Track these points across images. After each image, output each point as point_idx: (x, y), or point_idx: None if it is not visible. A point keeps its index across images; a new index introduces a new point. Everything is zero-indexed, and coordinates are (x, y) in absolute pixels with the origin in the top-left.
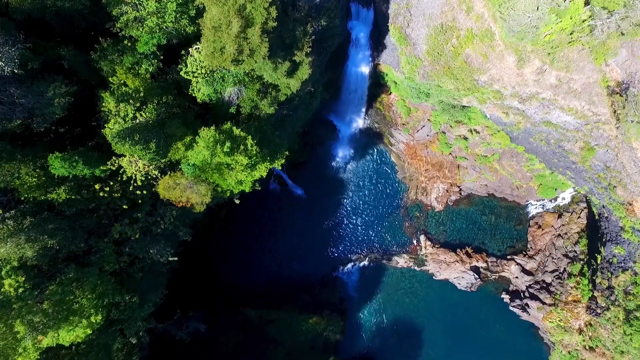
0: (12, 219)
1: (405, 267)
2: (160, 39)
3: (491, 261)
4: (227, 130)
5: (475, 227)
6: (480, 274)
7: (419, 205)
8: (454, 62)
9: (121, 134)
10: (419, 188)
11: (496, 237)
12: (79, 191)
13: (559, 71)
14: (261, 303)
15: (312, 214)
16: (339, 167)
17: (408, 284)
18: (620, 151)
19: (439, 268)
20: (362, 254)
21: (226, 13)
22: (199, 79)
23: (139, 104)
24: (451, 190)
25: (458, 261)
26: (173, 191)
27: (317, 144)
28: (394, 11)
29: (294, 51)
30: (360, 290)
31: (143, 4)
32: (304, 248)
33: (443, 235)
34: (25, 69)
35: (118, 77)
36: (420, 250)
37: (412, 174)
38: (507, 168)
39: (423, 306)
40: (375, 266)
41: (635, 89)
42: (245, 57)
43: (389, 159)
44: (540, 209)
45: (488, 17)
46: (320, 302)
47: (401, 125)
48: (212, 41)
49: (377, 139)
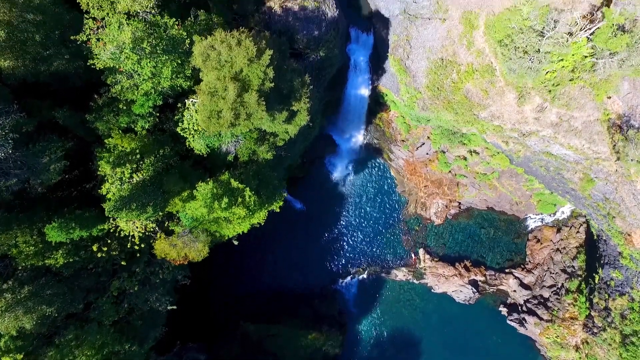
0: (10, 291)
1: (404, 280)
2: (156, 100)
3: (489, 274)
4: (224, 182)
5: (474, 240)
6: (478, 287)
7: (418, 219)
8: (453, 96)
9: (117, 204)
10: (418, 203)
11: (495, 250)
12: (77, 252)
13: (560, 108)
14: (261, 317)
15: (311, 227)
16: (338, 181)
17: (407, 296)
18: (620, 185)
19: (438, 281)
20: (361, 266)
21: (222, 79)
22: (196, 136)
23: (135, 165)
24: (450, 205)
25: (456, 275)
26: (169, 252)
27: (317, 159)
28: (394, 42)
29: (291, 101)
30: (359, 303)
31: (138, 71)
32: (303, 261)
33: (442, 248)
34: (19, 132)
35: (114, 140)
36: (419, 264)
37: (411, 188)
38: (507, 186)
39: (421, 318)
40: (374, 279)
41: (636, 122)
42: (242, 120)
43: (389, 173)
44: (539, 222)
45: (489, 52)
46: (320, 315)
47: (401, 142)
48: (209, 106)
49: (376, 154)
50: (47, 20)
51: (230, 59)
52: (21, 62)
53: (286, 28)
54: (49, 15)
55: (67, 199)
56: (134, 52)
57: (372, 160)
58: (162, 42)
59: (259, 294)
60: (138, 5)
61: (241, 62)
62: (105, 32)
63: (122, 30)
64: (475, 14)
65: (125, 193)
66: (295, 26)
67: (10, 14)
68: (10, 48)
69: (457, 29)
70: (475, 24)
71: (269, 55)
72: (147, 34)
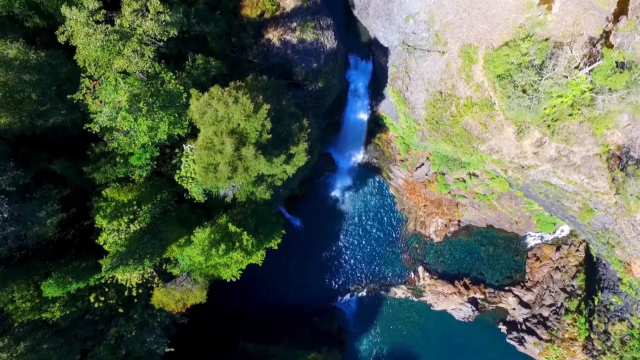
0: (5, 350)
1: (404, 298)
2: (153, 152)
3: (489, 292)
4: (222, 225)
5: (473, 257)
6: (477, 305)
7: (417, 236)
8: (452, 129)
9: (114, 262)
10: (417, 221)
11: (494, 267)
12: (74, 303)
13: (559, 143)
14: (259, 335)
15: (310, 244)
16: (337, 199)
17: (406, 313)
18: (619, 217)
19: (437, 299)
20: (361, 284)
21: (219, 134)
22: (193, 184)
23: (132, 216)
24: (450, 224)
25: (456, 293)
26: (168, 303)
27: (315, 177)
28: (393, 74)
29: (289, 145)
30: (359, 320)
31: (135, 128)
32: (302, 278)
33: (441, 265)
34: (16, 185)
35: (111, 193)
36: (418, 281)
37: (410, 207)
38: (506, 207)
39: (421, 335)
40: (374, 296)
41: (635, 153)
42: (240, 173)
43: (388, 191)
44: (539, 240)
45: (488, 86)
46: (319, 333)
47: (400, 162)
48: (206, 159)
49: (375, 172)
50: (43, 78)
51: (228, 115)
52: (18, 119)
53: (285, 60)
54: (45, 73)
55: (64, 245)
56: (131, 112)
57: (372, 178)
58: (159, 99)
59: (258, 311)
60: (134, 66)
61: (238, 118)
62: (101, 89)
63: (118, 90)
64: (474, 48)
65: (122, 248)
66: (293, 59)
67: (6, 76)
68: (6, 106)
69: (456, 62)
70: (474, 58)
71: (266, 110)
72: (144, 92)
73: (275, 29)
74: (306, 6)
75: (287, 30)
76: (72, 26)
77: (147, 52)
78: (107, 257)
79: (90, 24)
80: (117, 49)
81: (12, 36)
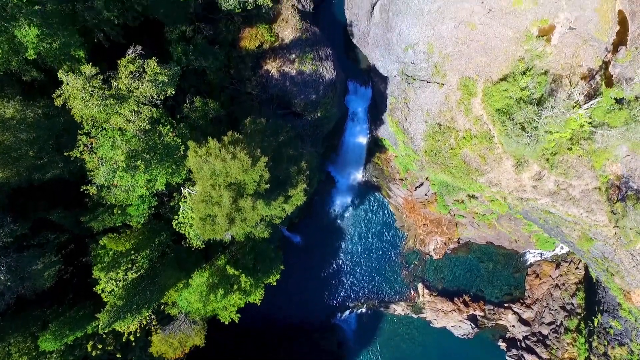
0: None
1: (403, 315)
2: (151, 202)
3: (488, 309)
4: (220, 267)
5: (472, 273)
6: (477, 322)
7: (417, 253)
8: (451, 161)
9: (111, 318)
10: (417, 238)
11: (494, 284)
12: (72, 352)
13: (558, 176)
14: (259, 352)
15: (310, 261)
16: (337, 215)
17: (406, 330)
18: (618, 247)
19: (437, 316)
20: (360, 301)
21: (217, 187)
22: (191, 230)
23: (130, 264)
24: (449, 242)
25: (455, 310)
26: (167, 351)
27: (315, 194)
28: (392, 104)
29: (288, 188)
30: (359, 336)
31: (132, 183)
32: (302, 294)
33: (441, 282)
34: (13, 237)
35: (108, 244)
36: (417, 298)
37: (410, 224)
38: (506, 227)
39: (420, 352)
40: (373, 313)
41: (635, 184)
42: (238, 224)
43: (387, 208)
44: (539, 257)
45: (487, 120)
46: (319, 349)
47: (399, 181)
48: (204, 210)
49: (375, 190)
50: (40, 134)
51: (225, 170)
52: (15, 173)
53: (283, 92)
54: (42, 129)
55: (62, 289)
56: (128, 171)
57: (371, 195)
58: (156, 155)
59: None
60: (132, 126)
61: (236, 173)
62: (99, 146)
63: (115, 147)
64: (473, 81)
65: (120, 301)
66: (292, 91)
67: (3, 136)
68: (3, 163)
69: (455, 94)
70: (473, 91)
71: (264, 163)
72: (142, 147)
73: (274, 60)
74: (305, 37)
75: (286, 61)
76: (69, 90)
77: (145, 112)
78: (104, 312)
79: (87, 89)
80: (114, 110)
81: (9, 92)
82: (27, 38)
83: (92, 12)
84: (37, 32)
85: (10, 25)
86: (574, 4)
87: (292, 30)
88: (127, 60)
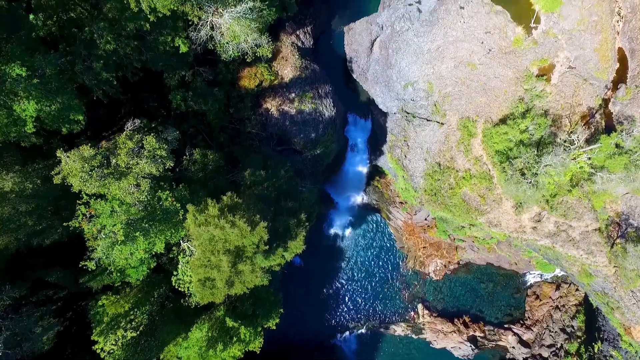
0: None
1: (403, 335)
2: (150, 264)
3: (488, 330)
4: (220, 319)
5: (472, 294)
6: (477, 343)
7: (416, 274)
8: (451, 200)
9: None
10: (417, 260)
11: (494, 304)
12: None
13: (558, 218)
14: None
15: (310, 281)
16: (337, 236)
17: (406, 350)
18: (618, 285)
19: (437, 337)
20: (360, 321)
21: (216, 252)
22: (191, 286)
23: (129, 324)
24: (449, 265)
25: (455, 331)
26: None
27: (315, 215)
28: (391, 142)
29: (287, 240)
30: (358, 357)
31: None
32: (301, 315)
33: (441, 302)
34: (11, 299)
35: (107, 306)
36: (417, 319)
37: (410, 246)
38: (505, 252)
39: None
40: (373, 333)
41: (635, 221)
42: (237, 287)
43: (387, 230)
44: (539, 278)
45: (486, 160)
46: None
47: (399, 204)
48: (203, 273)
49: (375, 211)
50: (39, 203)
51: (224, 237)
52: (14, 240)
53: (283, 131)
54: (41, 197)
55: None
56: (127, 243)
57: (371, 217)
58: (155, 223)
59: None
60: (130, 198)
61: (235, 240)
62: (98, 214)
63: (114, 216)
64: (472, 122)
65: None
66: (292, 130)
67: (2, 210)
68: (2, 232)
69: (455, 134)
70: (473, 132)
71: (263, 227)
72: (140, 216)
73: (273, 99)
74: (304, 75)
75: (286, 100)
76: (67, 170)
77: (144, 185)
78: None
79: (85, 169)
80: (113, 186)
81: (7, 160)
82: (26, 112)
83: (91, 73)
84: (35, 106)
85: (8, 99)
86: (574, 43)
87: (292, 69)
88: (126, 136)
